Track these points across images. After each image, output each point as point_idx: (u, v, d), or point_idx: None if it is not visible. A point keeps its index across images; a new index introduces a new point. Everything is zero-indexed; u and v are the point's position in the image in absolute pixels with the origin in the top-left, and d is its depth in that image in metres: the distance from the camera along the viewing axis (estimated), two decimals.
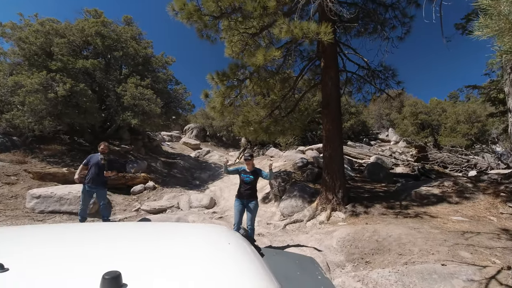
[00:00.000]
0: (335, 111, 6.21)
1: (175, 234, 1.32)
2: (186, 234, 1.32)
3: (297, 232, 5.46)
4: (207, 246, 1.13)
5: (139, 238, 1.24)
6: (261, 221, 6.61)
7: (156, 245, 1.12)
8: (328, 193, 5.97)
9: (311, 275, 1.64)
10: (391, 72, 7.00)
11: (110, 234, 1.28)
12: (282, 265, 1.66)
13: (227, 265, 0.95)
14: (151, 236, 1.28)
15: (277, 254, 2.03)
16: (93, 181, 5.41)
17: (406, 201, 5.93)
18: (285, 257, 1.97)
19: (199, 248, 1.10)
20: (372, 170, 8.55)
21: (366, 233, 4.23)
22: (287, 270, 1.65)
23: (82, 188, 5.35)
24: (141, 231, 1.37)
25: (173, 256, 0.99)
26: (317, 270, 1.72)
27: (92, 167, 5.42)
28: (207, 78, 7.11)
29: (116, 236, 1.25)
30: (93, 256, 0.96)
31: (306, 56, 8.29)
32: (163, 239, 1.22)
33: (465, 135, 19.32)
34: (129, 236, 1.27)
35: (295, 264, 1.78)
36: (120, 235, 1.29)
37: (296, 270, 1.68)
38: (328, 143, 6.15)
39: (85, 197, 5.38)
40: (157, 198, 9.00)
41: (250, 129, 7.89)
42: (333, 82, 6.26)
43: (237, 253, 1.09)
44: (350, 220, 5.38)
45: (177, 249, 1.08)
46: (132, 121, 10.46)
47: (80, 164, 5.60)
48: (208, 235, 1.32)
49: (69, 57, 10.41)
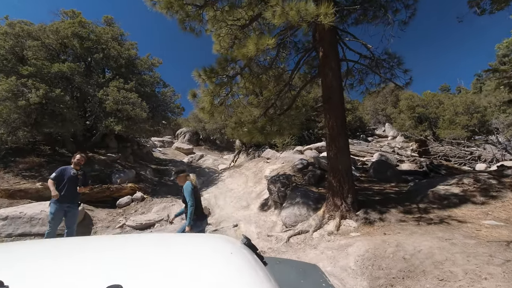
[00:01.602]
0: (338, 105, 5.50)
1: (175, 245, 1.28)
2: (186, 245, 1.28)
3: (303, 246, 4.73)
4: (209, 256, 1.10)
5: (139, 249, 1.20)
6: (261, 232, 5.87)
7: (157, 256, 1.08)
8: (335, 198, 5.25)
9: (315, 283, 1.59)
10: (397, 60, 6.33)
11: (108, 247, 1.24)
12: (285, 274, 1.65)
13: (231, 275, 0.93)
14: (151, 247, 1.24)
15: (280, 262, 1.94)
16: (69, 199, 4.65)
17: (424, 203, 5.24)
18: (288, 265, 1.91)
19: (201, 258, 1.08)
20: (378, 168, 7.87)
21: (389, 247, 3.52)
22: (291, 278, 1.61)
23: (51, 207, 4.54)
24: (140, 243, 1.34)
25: (174, 267, 0.96)
26: (321, 277, 1.65)
27: (66, 183, 4.63)
28: (193, 75, 6.35)
29: (114, 249, 1.22)
30: (93, 270, 0.93)
31: (301, 48, 7.59)
32: (163, 250, 1.19)
33: (465, 126, 18.91)
34: (129, 249, 1.23)
35: (299, 272, 1.73)
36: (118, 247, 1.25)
37: (300, 278, 1.64)
38: (332, 142, 5.43)
39: (56, 218, 4.56)
40: (145, 210, 8.19)
41: (244, 130, 7.15)
42: (334, 73, 5.56)
43: (240, 262, 1.06)
44: (363, 229, 4.66)
45: (178, 260, 1.06)
46: (116, 128, 9.64)
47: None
48: (209, 245, 1.28)
49: (44, 61, 9.56)
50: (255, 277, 0.96)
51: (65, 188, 4.58)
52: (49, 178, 4.60)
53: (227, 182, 11.54)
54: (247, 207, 7.97)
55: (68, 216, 4.69)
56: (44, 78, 9.11)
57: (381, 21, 6.65)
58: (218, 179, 12.62)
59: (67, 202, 4.60)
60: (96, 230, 6.57)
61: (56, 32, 9.86)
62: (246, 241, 1.36)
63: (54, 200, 4.48)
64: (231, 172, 13.29)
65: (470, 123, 18.89)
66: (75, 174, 4.75)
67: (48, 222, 4.64)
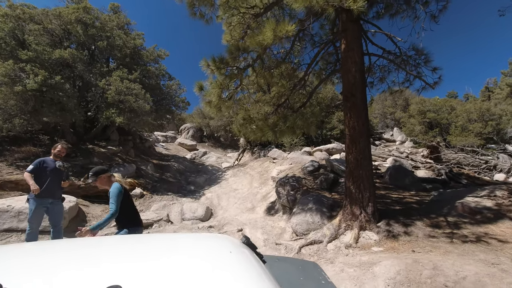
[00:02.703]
0: (360, 103, 4.96)
1: (175, 244, 1.25)
2: (186, 244, 1.25)
3: (317, 259, 4.20)
4: (208, 255, 1.10)
5: (138, 249, 1.18)
6: (268, 240, 5.35)
7: (156, 256, 1.09)
8: (354, 206, 4.71)
9: (314, 280, 1.55)
10: (424, 57, 5.76)
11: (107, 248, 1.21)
12: (285, 272, 1.62)
13: (230, 274, 0.92)
14: (150, 247, 1.21)
15: (279, 260, 1.92)
16: (51, 194, 4.15)
17: (453, 217, 4.68)
18: (287, 263, 1.86)
19: (200, 257, 1.08)
20: (395, 175, 7.30)
21: (424, 270, 2.99)
22: (290, 276, 1.58)
23: (31, 204, 4.02)
24: (139, 242, 1.30)
25: (173, 266, 0.96)
26: (320, 275, 1.61)
27: (49, 176, 4.12)
28: (201, 65, 5.85)
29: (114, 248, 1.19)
30: (92, 270, 0.92)
31: (318, 42, 7.04)
32: (162, 249, 1.17)
33: (478, 134, 18.28)
34: (128, 248, 1.20)
35: (298, 269, 1.70)
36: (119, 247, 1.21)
37: (299, 276, 1.60)
38: (353, 143, 4.89)
39: (37, 215, 4.08)
40: (144, 208, 7.71)
41: (252, 127, 6.65)
42: (358, 67, 5.02)
43: (240, 261, 1.06)
44: (386, 243, 4.13)
45: (178, 259, 1.05)
46: (117, 119, 9.16)
47: None
48: (209, 243, 1.25)
49: (46, 46, 9.11)
50: (255, 275, 0.95)
51: (47, 181, 4.08)
52: (25, 171, 4.03)
53: (231, 181, 11.04)
54: (252, 210, 7.46)
55: (52, 213, 4.22)
56: (44, 64, 8.64)
57: (407, 14, 6.10)
58: (221, 177, 12.12)
59: (49, 198, 4.12)
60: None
61: (59, 17, 9.39)
62: (246, 240, 1.35)
63: (33, 196, 3.96)
64: (235, 171, 12.78)
65: (484, 130, 18.26)
66: (60, 166, 4.25)
67: (27, 221, 4.12)
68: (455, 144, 16.77)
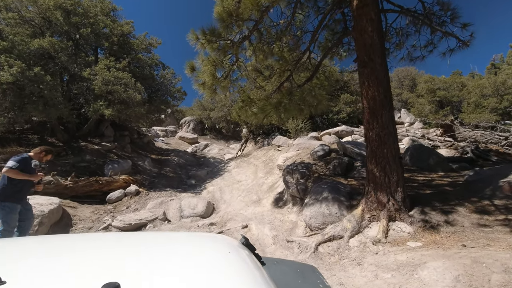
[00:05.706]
0: (380, 68, 4.10)
1: (172, 244, 1.22)
2: (184, 243, 1.23)
3: (339, 259, 3.43)
4: (206, 256, 1.06)
5: (136, 248, 1.13)
6: (277, 236, 4.59)
7: (154, 255, 1.02)
8: (379, 193, 3.91)
9: (312, 283, 1.47)
10: (451, 13, 4.86)
11: (106, 245, 1.18)
12: (283, 274, 1.55)
13: (228, 275, 0.90)
14: (148, 246, 1.17)
15: (278, 262, 1.76)
16: (25, 197, 3.79)
17: (500, 199, 3.86)
18: (286, 266, 1.74)
19: (198, 257, 1.04)
20: (416, 155, 6.45)
21: (492, 274, 2.20)
22: (288, 279, 1.51)
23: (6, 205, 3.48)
24: (137, 241, 1.26)
25: (171, 266, 0.92)
26: (318, 278, 1.52)
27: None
28: (188, 38, 5.04)
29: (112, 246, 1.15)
30: (91, 267, 0.89)
31: (323, 6, 6.14)
32: (160, 249, 1.12)
33: (493, 109, 17.26)
34: (126, 247, 1.15)
35: (296, 272, 1.62)
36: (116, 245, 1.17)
37: (297, 279, 1.52)
38: (373, 117, 4.06)
39: (12, 218, 3.57)
40: (139, 206, 7.00)
41: (253, 110, 5.83)
42: (374, 26, 4.15)
43: (238, 262, 1.02)
44: (425, 236, 3.33)
45: (175, 258, 1.01)
46: (106, 112, 8.38)
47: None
48: (207, 244, 1.22)
49: (24, 37, 8.32)
50: (253, 277, 0.92)
51: (25, 182, 3.65)
52: (11, 168, 3.43)
53: (234, 173, 10.29)
54: (258, 202, 6.71)
55: (26, 217, 3.81)
56: (22, 55, 7.85)
57: None
58: (224, 169, 11.38)
59: (24, 199, 3.76)
60: (74, 230, 5.40)
61: (35, 3, 8.55)
62: (244, 240, 1.30)
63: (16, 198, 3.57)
64: (238, 161, 12.02)
65: (500, 105, 17.22)
66: (36, 165, 3.71)
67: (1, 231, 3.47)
68: (468, 122, 15.81)
